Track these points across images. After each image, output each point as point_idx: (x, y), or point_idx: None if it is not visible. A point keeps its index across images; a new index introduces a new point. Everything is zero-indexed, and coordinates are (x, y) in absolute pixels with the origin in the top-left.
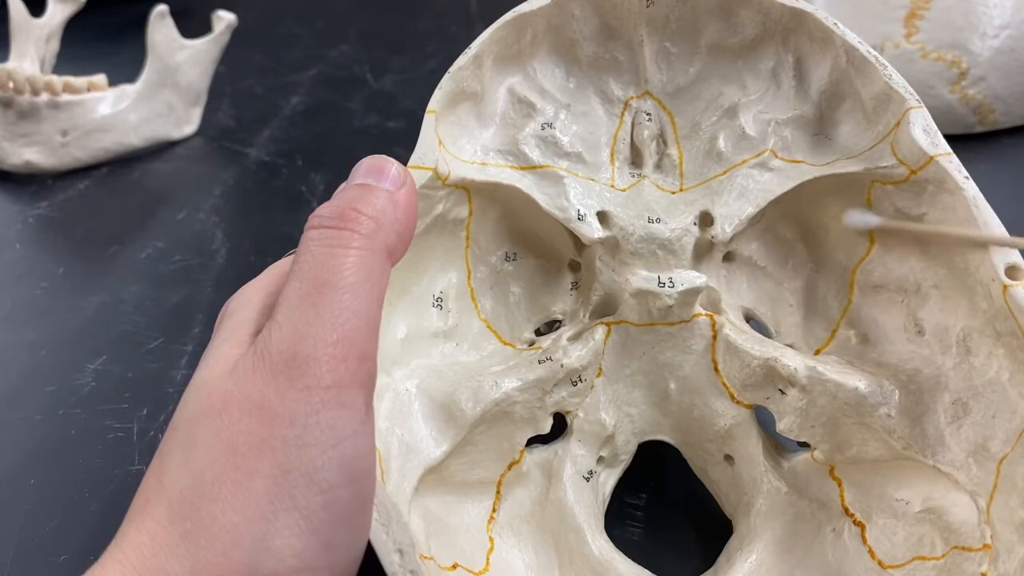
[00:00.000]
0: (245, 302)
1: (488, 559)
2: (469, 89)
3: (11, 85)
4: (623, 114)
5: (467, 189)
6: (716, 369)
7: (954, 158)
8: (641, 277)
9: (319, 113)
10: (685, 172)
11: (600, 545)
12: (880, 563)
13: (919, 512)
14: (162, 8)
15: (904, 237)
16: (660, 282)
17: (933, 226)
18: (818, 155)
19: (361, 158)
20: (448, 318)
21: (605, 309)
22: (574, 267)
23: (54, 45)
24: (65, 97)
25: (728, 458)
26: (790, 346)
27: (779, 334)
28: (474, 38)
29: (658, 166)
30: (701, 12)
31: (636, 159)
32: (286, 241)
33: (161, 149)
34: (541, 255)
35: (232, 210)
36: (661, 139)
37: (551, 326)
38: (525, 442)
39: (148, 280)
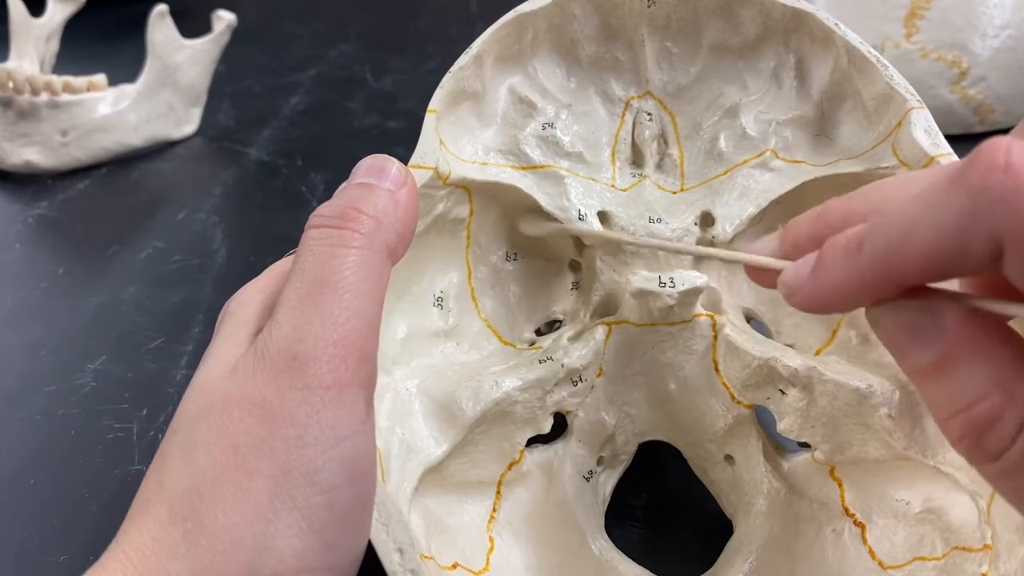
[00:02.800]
0: (245, 302)
1: (488, 559)
2: (470, 89)
3: (11, 85)
4: (624, 114)
5: (468, 189)
6: (716, 369)
7: (955, 158)
8: (642, 277)
9: (319, 113)
10: (686, 172)
11: (600, 545)
12: (881, 563)
13: (920, 512)
14: (162, 8)
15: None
16: (661, 282)
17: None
18: (819, 155)
19: (361, 158)
20: (448, 318)
21: (606, 309)
22: (575, 267)
23: (54, 45)
24: (65, 97)
25: (728, 458)
26: (790, 346)
27: (779, 334)
28: (474, 38)
29: (659, 166)
30: (702, 12)
31: (637, 159)
32: (286, 241)
33: (161, 149)
34: (542, 255)
35: (232, 210)
36: (662, 139)
37: (551, 326)
38: (525, 442)
39: (148, 280)
